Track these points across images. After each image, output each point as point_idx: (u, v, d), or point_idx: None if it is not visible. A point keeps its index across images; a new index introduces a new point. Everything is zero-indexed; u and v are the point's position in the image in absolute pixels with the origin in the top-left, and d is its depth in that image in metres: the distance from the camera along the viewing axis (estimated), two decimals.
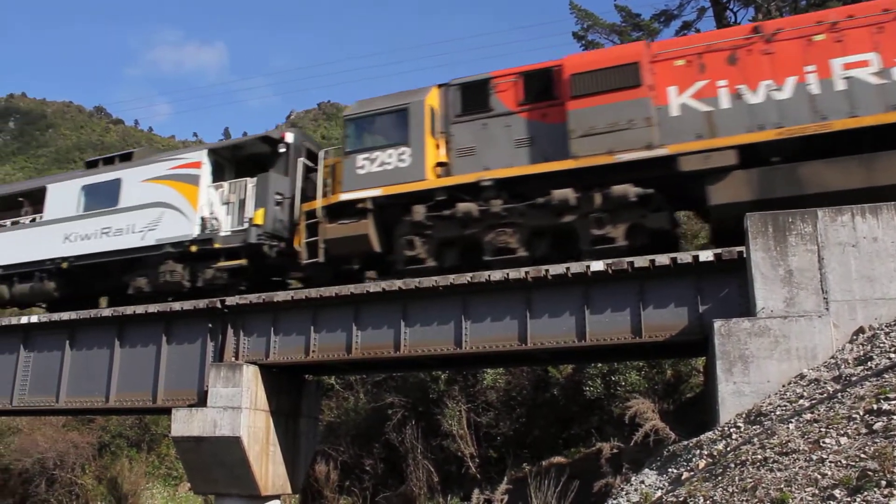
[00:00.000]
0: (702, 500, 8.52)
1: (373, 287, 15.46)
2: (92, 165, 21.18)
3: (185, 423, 16.39)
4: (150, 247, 18.32)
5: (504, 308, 14.75)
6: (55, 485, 32.53)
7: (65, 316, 18.87)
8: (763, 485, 8.04)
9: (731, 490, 8.30)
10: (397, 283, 15.29)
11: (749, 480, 8.27)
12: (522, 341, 14.49)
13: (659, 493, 10.16)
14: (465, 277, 14.69)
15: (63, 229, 19.72)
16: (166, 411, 17.95)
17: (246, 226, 17.44)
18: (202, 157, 18.75)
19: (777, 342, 11.45)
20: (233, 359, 16.89)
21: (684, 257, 13.32)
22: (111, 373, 18.30)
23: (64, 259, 19.39)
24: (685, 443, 11.35)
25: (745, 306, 12.76)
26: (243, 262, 17.31)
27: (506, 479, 21.24)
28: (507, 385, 26.36)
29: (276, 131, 18.74)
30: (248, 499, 16.68)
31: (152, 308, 17.75)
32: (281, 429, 17.23)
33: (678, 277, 13.62)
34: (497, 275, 14.45)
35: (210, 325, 17.44)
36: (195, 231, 17.92)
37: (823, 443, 8.42)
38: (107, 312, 18.32)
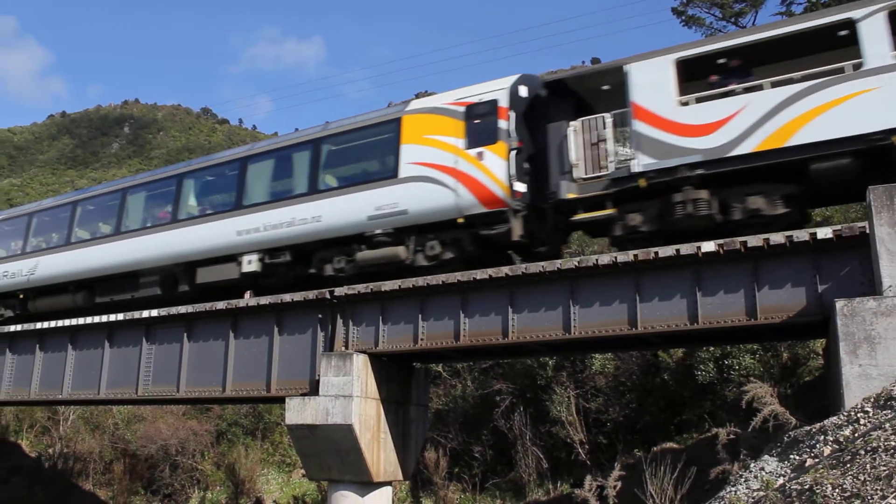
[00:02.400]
0: (830, 489, 8.14)
1: (479, 274, 15.42)
2: None
3: (299, 411, 16.78)
4: None
5: (613, 292, 14.49)
6: (178, 470, 33.91)
7: (182, 309, 19.58)
8: None
9: (862, 478, 7.91)
10: (504, 270, 15.22)
11: (883, 468, 7.85)
12: (632, 325, 14.20)
13: (781, 481, 9.78)
14: (573, 262, 14.51)
15: None
16: (280, 400, 18.43)
17: None
18: None
19: None
20: (343, 348, 17.18)
21: (801, 235, 12.76)
22: (227, 363, 18.92)
23: None
24: (807, 428, 10.89)
25: (868, 285, 12.13)
26: None
27: (617, 465, 20.95)
28: (616, 370, 26.02)
29: None
30: (360, 485, 16.95)
31: (264, 300, 18.21)
32: (391, 416, 17.45)
33: (794, 256, 13.07)
34: (605, 258, 14.21)
35: (320, 316, 17.76)
36: None
37: None
38: (221, 305, 18.90)
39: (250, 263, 18.74)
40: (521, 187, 15.54)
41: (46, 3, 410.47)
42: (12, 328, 23.46)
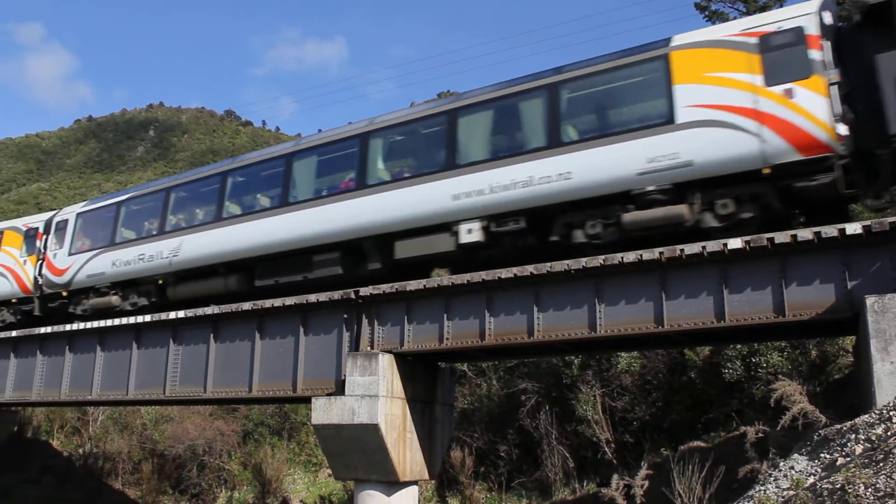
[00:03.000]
0: (862, 488, 8.05)
1: (504, 273, 15.38)
2: None
3: (325, 411, 16.82)
4: None
5: (639, 290, 14.42)
6: (205, 470, 34.14)
7: (208, 310, 19.70)
8: None
9: (895, 477, 7.81)
10: (529, 269, 15.16)
11: None
12: (659, 323, 14.12)
13: (812, 480, 9.69)
14: (598, 260, 14.42)
15: None
16: (306, 400, 18.52)
17: None
18: None
19: None
20: (368, 348, 17.21)
21: (829, 231, 12.62)
22: (253, 364, 19.00)
23: None
24: (838, 426, 10.78)
25: None
26: None
27: (644, 464, 20.80)
28: (642, 369, 25.85)
29: None
30: (386, 484, 16.98)
31: (289, 301, 18.28)
32: (417, 416, 17.45)
33: (823, 252, 12.96)
34: (630, 256, 14.11)
35: (345, 316, 17.80)
36: None
37: None
38: (247, 306, 18.99)
39: (471, 233, 16.04)
40: (843, 130, 13.04)
41: (71, 8, 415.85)
42: (42, 330, 23.75)
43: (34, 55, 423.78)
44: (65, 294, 24.04)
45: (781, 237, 12.94)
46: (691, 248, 13.62)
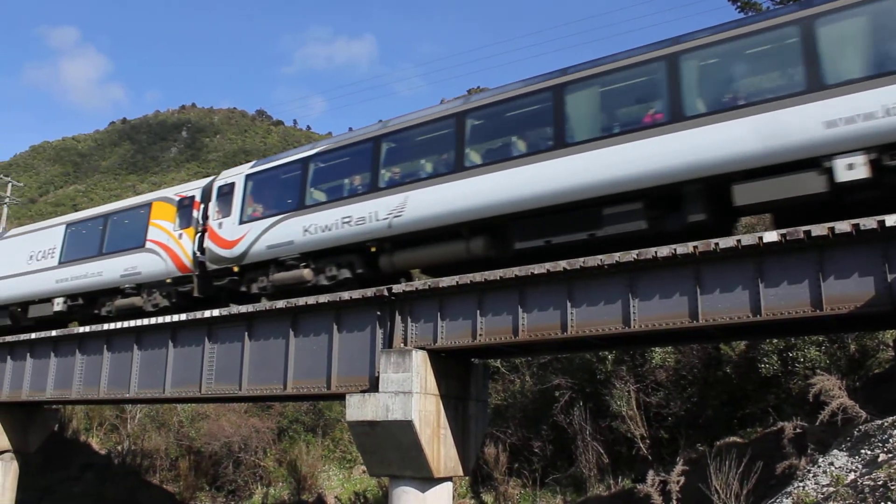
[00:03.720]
0: None
1: (537, 269, 15.31)
2: None
3: (359, 408, 16.89)
4: None
5: (672, 284, 14.29)
6: (241, 466, 34.53)
7: (243, 309, 19.87)
8: None
9: None
10: (562, 264, 15.08)
11: None
12: (693, 318, 13.98)
13: (852, 476, 9.57)
14: (631, 255, 14.33)
15: None
16: (340, 397, 18.60)
17: None
18: None
19: None
20: (402, 345, 17.25)
21: (868, 223, 12.41)
22: (287, 361, 19.12)
23: None
24: (878, 422, 10.65)
25: None
26: None
27: (680, 460, 20.66)
28: (676, 364, 25.68)
29: None
30: (421, 481, 17.01)
31: (323, 298, 18.38)
32: (451, 412, 17.46)
33: (862, 245, 12.76)
34: (664, 250, 14.00)
35: (378, 313, 17.85)
36: None
37: None
38: (280, 304, 19.12)
39: (852, 168, 12.67)
40: None
41: (104, 11, 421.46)
42: (81, 330, 24.12)
43: (68, 59, 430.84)
44: (236, 270, 20.85)
45: (818, 230, 12.75)
46: (726, 242, 13.49)
